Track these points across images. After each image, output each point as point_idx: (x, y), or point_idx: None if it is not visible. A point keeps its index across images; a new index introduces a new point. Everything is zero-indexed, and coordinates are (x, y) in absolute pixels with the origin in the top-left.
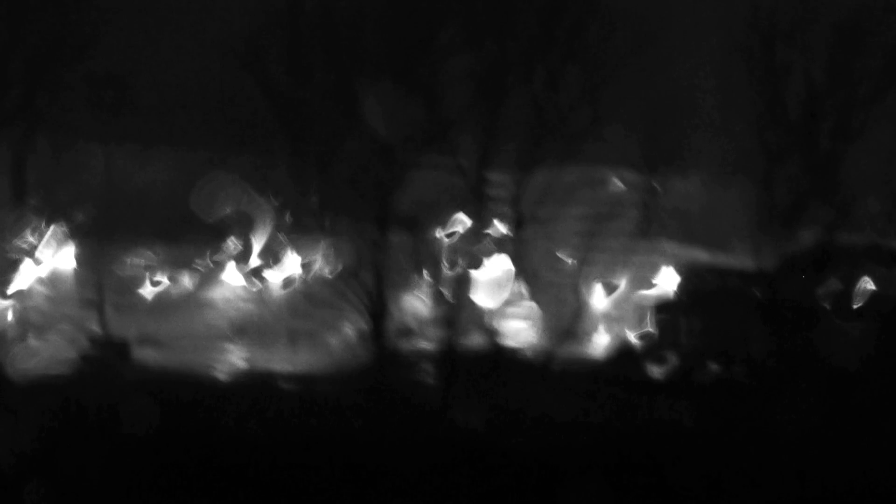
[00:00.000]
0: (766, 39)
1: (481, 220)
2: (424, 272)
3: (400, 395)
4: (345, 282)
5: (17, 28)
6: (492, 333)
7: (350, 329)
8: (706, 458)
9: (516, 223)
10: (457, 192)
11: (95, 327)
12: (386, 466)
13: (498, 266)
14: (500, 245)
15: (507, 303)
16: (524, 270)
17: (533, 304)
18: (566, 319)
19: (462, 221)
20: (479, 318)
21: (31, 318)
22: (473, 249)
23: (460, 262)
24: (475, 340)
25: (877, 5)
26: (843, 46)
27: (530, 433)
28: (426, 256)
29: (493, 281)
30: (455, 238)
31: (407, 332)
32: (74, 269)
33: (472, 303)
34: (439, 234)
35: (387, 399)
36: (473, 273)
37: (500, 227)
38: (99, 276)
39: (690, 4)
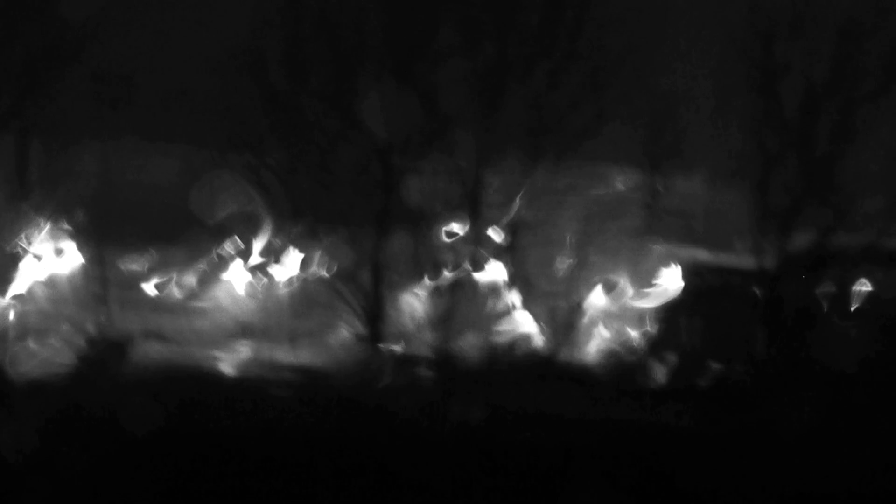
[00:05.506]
0: (765, 38)
1: (481, 220)
2: (424, 273)
3: (400, 396)
4: (344, 282)
5: (14, 24)
6: (491, 334)
7: (349, 329)
8: (706, 458)
9: (516, 223)
10: (456, 192)
11: (96, 326)
12: (386, 466)
13: (497, 266)
14: (500, 245)
15: (507, 303)
16: (524, 270)
17: (532, 305)
18: (565, 319)
19: (462, 222)
20: (478, 319)
21: (32, 318)
22: (473, 250)
23: (460, 262)
24: (475, 341)
25: (877, 4)
26: (843, 45)
27: (530, 433)
28: (426, 257)
29: (492, 281)
30: (455, 239)
31: (406, 333)
32: (75, 268)
33: (471, 303)
34: (439, 234)
35: (387, 399)
36: (473, 273)
37: (499, 228)
38: (100, 275)
39: (690, 3)
